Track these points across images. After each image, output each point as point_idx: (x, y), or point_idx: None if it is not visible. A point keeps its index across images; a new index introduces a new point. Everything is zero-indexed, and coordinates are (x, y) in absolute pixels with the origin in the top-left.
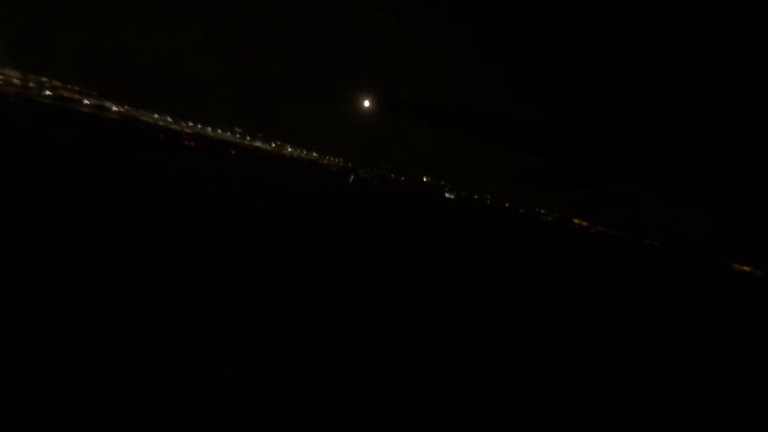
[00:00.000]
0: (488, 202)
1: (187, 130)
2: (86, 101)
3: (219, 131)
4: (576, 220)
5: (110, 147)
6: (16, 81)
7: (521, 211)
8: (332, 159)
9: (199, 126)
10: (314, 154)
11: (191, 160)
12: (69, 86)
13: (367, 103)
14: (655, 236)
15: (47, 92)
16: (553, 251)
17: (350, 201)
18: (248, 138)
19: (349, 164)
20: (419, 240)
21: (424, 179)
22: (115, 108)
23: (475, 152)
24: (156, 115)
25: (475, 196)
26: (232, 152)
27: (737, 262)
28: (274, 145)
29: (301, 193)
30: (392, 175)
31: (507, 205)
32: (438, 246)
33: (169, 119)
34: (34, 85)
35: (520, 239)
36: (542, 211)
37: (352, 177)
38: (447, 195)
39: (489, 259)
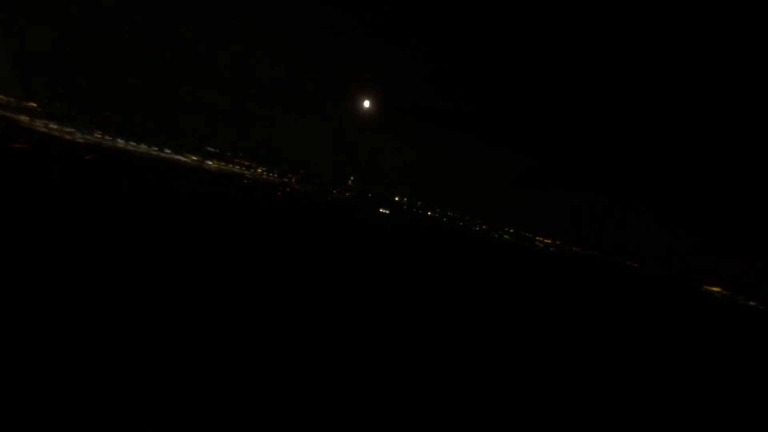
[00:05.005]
0: (438, 215)
1: (81, 141)
2: None
3: (132, 143)
4: (542, 239)
5: None
6: None
7: (477, 228)
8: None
9: (108, 137)
10: (241, 166)
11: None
12: None
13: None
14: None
15: None
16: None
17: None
18: (168, 150)
19: (292, 179)
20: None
21: (370, 194)
22: None
23: (452, 157)
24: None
25: (428, 212)
26: (87, 158)
27: (708, 283)
28: (195, 158)
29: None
30: (335, 191)
31: (461, 223)
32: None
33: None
34: None
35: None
36: (510, 230)
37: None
38: (382, 210)
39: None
